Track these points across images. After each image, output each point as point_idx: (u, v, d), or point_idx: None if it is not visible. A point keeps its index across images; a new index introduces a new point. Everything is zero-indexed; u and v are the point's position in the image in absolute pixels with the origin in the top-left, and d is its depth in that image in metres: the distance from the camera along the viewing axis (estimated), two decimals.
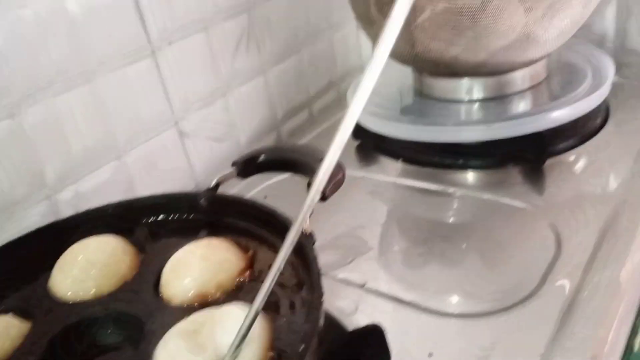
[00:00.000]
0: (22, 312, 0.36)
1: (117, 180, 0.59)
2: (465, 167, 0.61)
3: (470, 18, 0.53)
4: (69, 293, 0.37)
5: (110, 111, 0.57)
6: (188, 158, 0.67)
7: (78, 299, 0.37)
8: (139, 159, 0.61)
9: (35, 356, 0.33)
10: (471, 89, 0.64)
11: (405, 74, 0.73)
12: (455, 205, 0.56)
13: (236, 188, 0.60)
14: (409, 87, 0.72)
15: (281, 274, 0.33)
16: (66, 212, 0.51)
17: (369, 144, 0.68)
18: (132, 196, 0.59)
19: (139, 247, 0.42)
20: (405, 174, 0.62)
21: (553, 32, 0.57)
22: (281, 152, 0.44)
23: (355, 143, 0.70)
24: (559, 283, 0.42)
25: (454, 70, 0.62)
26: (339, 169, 0.38)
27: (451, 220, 0.55)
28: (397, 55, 0.64)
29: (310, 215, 0.34)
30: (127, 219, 0.44)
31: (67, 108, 0.53)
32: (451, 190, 0.57)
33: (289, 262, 0.36)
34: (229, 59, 0.70)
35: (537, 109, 0.59)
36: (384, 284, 0.47)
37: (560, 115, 0.57)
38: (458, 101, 0.65)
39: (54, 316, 0.36)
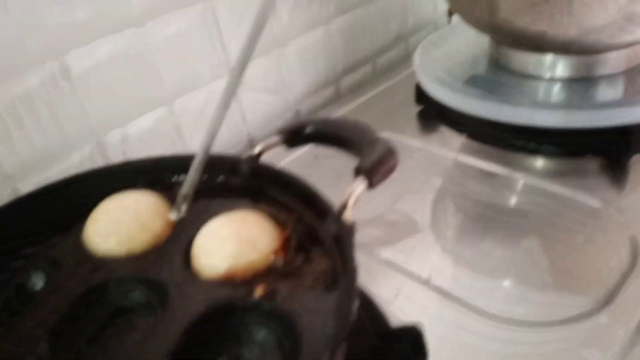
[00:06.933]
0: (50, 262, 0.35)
1: (165, 129, 0.57)
2: (536, 152, 0.55)
3: None
4: (100, 245, 0.36)
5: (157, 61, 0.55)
6: (241, 109, 0.64)
7: (109, 253, 0.36)
8: (188, 108, 0.59)
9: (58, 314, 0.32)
10: (554, 65, 0.57)
11: (481, 40, 0.66)
12: (519, 193, 0.51)
13: None
14: (483, 53, 0.66)
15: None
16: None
17: (431, 112, 0.63)
18: (181, 144, 0.58)
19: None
20: (467, 150, 0.57)
21: None
22: (330, 125, 0.40)
23: (417, 108, 0.65)
24: (629, 302, 0.38)
25: (537, 45, 0.55)
26: (391, 155, 0.34)
27: (513, 209, 0.50)
28: (474, 20, 0.58)
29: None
30: (166, 175, 0.42)
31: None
32: (517, 175, 0.52)
33: (324, 252, 0.33)
34: (289, 8, 0.65)
35: (628, 99, 0.52)
36: (427, 268, 0.44)
37: None
38: (537, 78, 0.58)
39: (81, 271, 0.35)
